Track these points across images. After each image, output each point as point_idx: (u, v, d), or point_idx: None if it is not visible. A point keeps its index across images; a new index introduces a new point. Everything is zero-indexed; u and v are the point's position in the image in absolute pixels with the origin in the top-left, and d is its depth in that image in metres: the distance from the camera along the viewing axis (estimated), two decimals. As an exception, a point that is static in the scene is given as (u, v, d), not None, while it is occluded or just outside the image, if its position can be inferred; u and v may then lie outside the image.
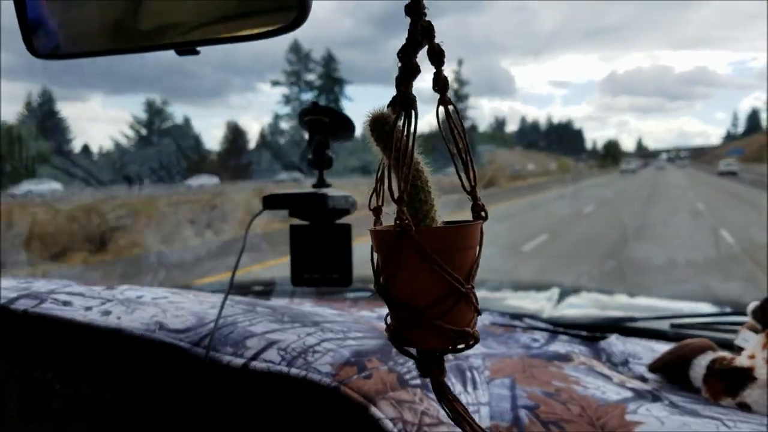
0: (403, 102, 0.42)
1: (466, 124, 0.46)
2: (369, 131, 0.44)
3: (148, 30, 0.71)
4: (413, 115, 0.42)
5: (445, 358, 0.82)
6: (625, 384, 0.86)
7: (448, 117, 0.43)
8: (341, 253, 0.93)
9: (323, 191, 0.91)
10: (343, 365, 0.73)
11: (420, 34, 0.42)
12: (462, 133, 0.43)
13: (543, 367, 0.89)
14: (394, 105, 0.43)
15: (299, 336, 0.79)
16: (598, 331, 1.09)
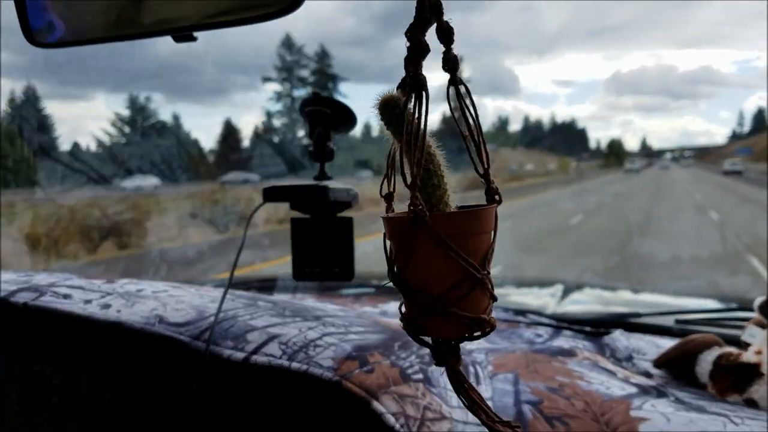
0: (413, 83, 0.40)
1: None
2: (379, 114, 0.42)
3: (144, 17, 0.70)
4: (424, 97, 0.40)
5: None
6: (630, 379, 0.84)
7: (459, 97, 0.41)
8: (343, 247, 0.92)
9: (324, 183, 0.90)
10: (345, 359, 0.72)
11: (428, 11, 0.40)
12: (474, 114, 0.42)
13: (546, 363, 0.88)
14: (403, 87, 0.41)
15: (300, 330, 0.78)
16: (602, 327, 1.07)
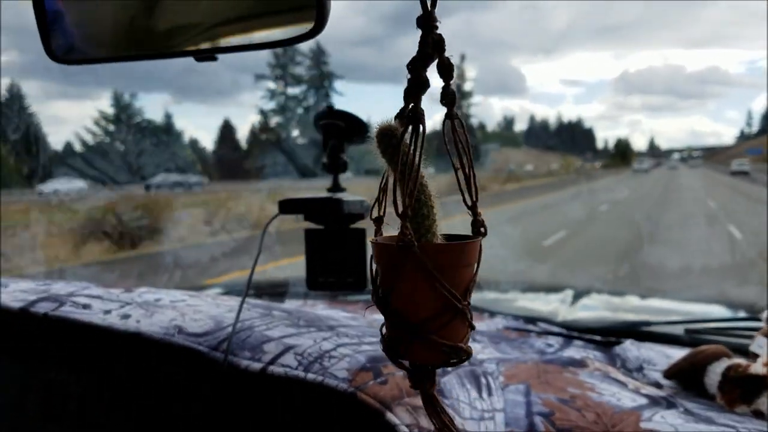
0: (412, 116, 0.42)
1: (469, 122, 0.46)
2: (376, 143, 0.44)
3: (165, 36, 0.72)
4: (421, 129, 0.42)
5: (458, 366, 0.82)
6: (640, 390, 0.85)
7: (453, 132, 0.43)
8: (356, 258, 0.94)
9: (338, 196, 0.92)
10: (359, 371, 0.73)
11: (431, 47, 0.42)
12: (466, 148, 0.43)
13: (558, 373, 0.89)
14: (402, 117, 0.43)
15: (315, 341, 0.79)
16: (612, 336, 1.08)
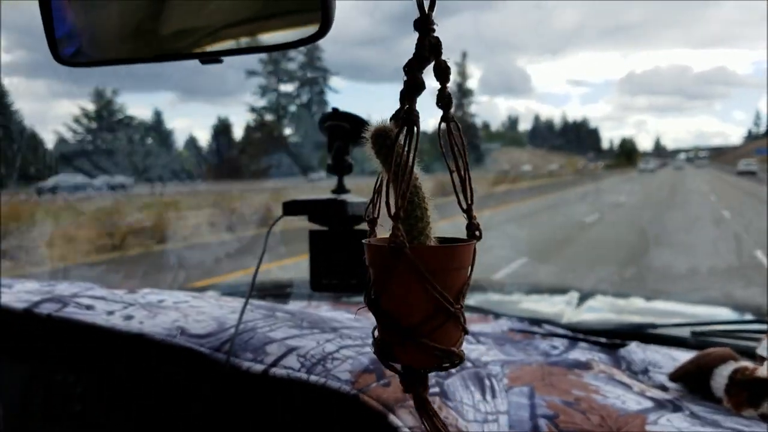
0: (407, 117, 0.42)
1: (470, 120, 0.46)
2: (370, 144, 0.43)
3: (171, 39, 0.72)
4: (415, 131, 0.42)
5: (465, 364, 0.82)
6: (646, 393, 0.85)
7: (449, 134, 0.43)
8: (360, 260, 0.93)
9: (342, 197, 0.92)
10: (362, 373, 0.73)
11: (427, 50, 0.41)
12: (462, 151, 0.43)
13: (562, 375, 0.88)
14: (397, 119, 0.43)
15: (318, 342, 0.79)
16: (617, 338, 1.08)
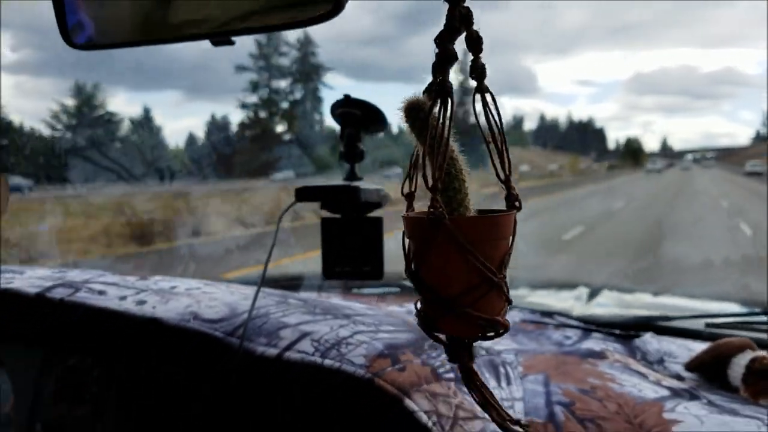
0: (440, 89, 0.41)
1: (471, 120, 0.46)
2: (404, 118, 0.43)
3: (182, 20, 0.71)
4: (449, 103, 0.41)
5: (478, 352, 0.81)
6: (662, 382, 0.84)
7: (484, 105, 0.42)
8: (373, 247, 0.93)
9: (355, 184, 0.91)
10: (377, 357, 0.72)
11: (458, 20, 0.41)
12: (498, 121, 0.43)
13: (577, 364, 0.88)
14: (429, 92, 0.42)
15: (332, 328, 0.79)
16: (631, 330, 1.07)
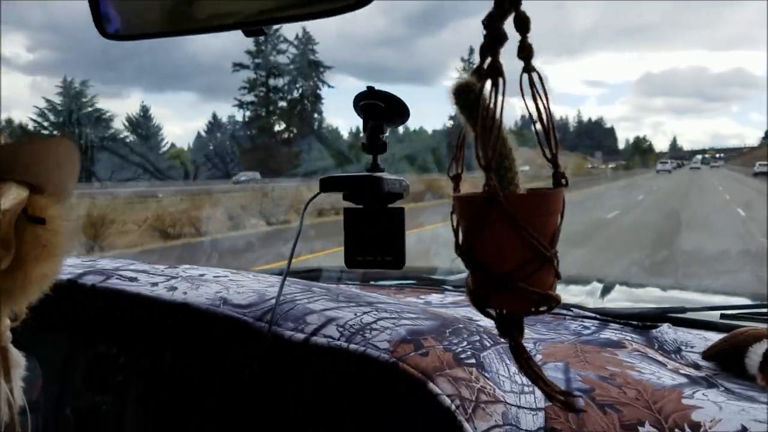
0: (491, 69, 0.42)
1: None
2: (453, 100, 0.44)
3: (216, 11, 0.73)
4: (501, 82, 0.42)
5: (498, 341, 0.83)
6: (680, 370, 0.85)
7: (531, 85, 0.44)
8: (394, 237, 0.94)
9: (378, 175, 0.93)
10: (401, 342, 0.74)
11: (507, 2, 0.42)
12: (546, 101, 0.44)
13: (596, 353, 0.89)
14: (478, 74, 0.43)
15: (356, 314, 0.81)
16: (648, 321, 1.08)
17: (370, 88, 0.95)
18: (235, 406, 0.79)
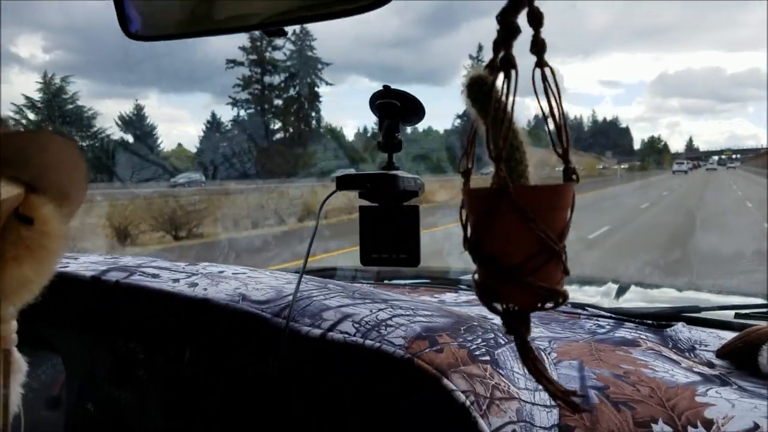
0: (504, 62, 0.42)
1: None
2: (466, 91, 0.44)
3: (237, 12, 0.74)
4: (513, 75, 0.42)
5: (512, 339, 0.84)
6: (693, 368, 0.86)
7: (544, 79, 0.43)
8: (410, 235, 0.95)
9: (393, 173, 0.94)
10: (416, 339, 0.75)
11: None
12: (558, 96, 0.43)
13: (610, 351, 0.90)
14: (491, 68, 0.43)
15: (371, 311, 0.82)
16: (662, 320, 1.08)
17: (386, 87, 0.96)
18: (256, 400, 0.80)
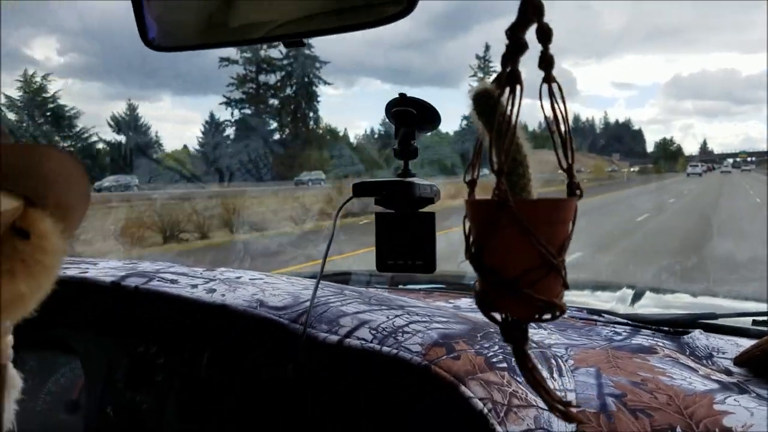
0: (511, 77, 0.43)
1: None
2: (473, 104, 0.45)
3: (256, 23, 0.75)
4: (519, 90, 0.43)
5: (529, 345, 0.84)
6: (711, 376, 0.85)
7: (551, 94, 0.44)
8: (425, 241, 0.96)
9: (409, 180, 0.94)
10: (433, 346, 0.75)
11: (531, 12, 0.42)
12: (564, 111, 0.44)
13: (628, 359, 0.89)
14: (499, 82, 0.44)
15: (388, 317, 0.82)
16: (680, 327, 1.08)
17: (402, 95, 0.96)
18: (272, 404, 0.81)
